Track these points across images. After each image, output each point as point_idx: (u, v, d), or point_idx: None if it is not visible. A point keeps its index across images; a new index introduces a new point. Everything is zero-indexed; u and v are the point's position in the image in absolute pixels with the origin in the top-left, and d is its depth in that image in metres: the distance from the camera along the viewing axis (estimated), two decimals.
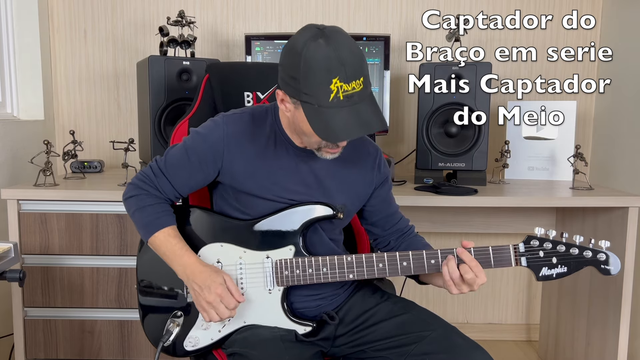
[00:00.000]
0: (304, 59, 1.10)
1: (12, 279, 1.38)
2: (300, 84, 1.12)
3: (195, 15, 2.37)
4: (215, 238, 1.30)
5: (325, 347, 1.32)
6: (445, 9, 2.41)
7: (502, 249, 1.23)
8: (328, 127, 1.11)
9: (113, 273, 1.87)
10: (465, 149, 2.07)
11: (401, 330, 1.27)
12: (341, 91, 1.09)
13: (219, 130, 1.27)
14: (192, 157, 1.27)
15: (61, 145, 2.25)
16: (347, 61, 1.10)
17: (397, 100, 2.48)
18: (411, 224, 1.46)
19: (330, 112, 1.11)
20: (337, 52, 1.09)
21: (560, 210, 2.28)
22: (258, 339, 1.24)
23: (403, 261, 1.25)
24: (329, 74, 1.09)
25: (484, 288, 2.65)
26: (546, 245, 1.20)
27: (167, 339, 1.26)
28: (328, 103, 1.10)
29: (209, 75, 1.64)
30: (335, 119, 1.11)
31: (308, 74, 1.10)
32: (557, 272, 1.20)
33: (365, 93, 1.13)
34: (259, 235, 1.29)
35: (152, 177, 1.29)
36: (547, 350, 2.46)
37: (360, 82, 1.11)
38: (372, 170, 1.37)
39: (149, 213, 1.26)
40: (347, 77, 1.09)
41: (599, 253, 1.18)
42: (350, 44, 1.12)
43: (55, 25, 2.43)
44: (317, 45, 1.10)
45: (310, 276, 1.26)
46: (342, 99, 1.10)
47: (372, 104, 1.15)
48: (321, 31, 1.12)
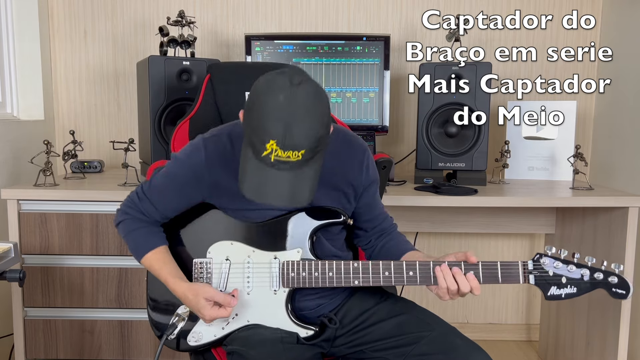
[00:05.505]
0: (257, 103, 1.08)
1: (12, 279, 1.38)
2: (248, 122, 1.10)
3: (195, 15, 2.37)
4: (226, 236, 1.31)
5: (325, 347, 1.33)
6: (445, 9, 2.41)
7: (511, 266, 1.22)
8: (245, 181, 1.10)
9: (113, 273, 1.87)
10: (465, 149, 2.07)
11: (400, 331, 1.27)
12: (274, 154, 1.06)
13: (199, 154, 1.26)
14: (174, 182, 1.28)
15: (61, 145, 2.25)
16: (295, 132, 1.04)
17: (397, 100, 2.48)
18: (402, 229, 1.46)
19: (255, 167, 1.09)
20: (289, 110, 1.05)
21: (560, 210, 2.28)
22: (258, 338, 1.25)
23: (409, 271, 1.24)
24: (269, 132, 1.05)
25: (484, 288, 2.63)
26: (556, 264, 1.19)
27: (172, 332, 1.27)
28: (260, 157, 1.07)
29: (210, 75, 1.64)
30: (256, 175, 1.09)
31: (254, 118, 1.08)
32: (567, 292, 1.18)
33: (298, 165, 1.08)
34: (268, 236, 1.30)
35: (137, 201, 1.31)
36: (547, 350, 2.46)
37: (299, 154, 1.06)
38: (360, 171, 1.34)
39: (134, 238, 1.30)
40: (284, 145, 1.05)
41: (610, 276, 1.17)
42: (312, 115, 1.07)
43: (55, 25, 2.43)
44: (273, 95, 1.06)
45: (315, 279, 1.26)
46: (273, 161, 1.07)
47: (305, 178, 1.10)
48: (294, 87, 1.07)
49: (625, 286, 1.16)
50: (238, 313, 1.29)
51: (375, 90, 2.23)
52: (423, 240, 2.55)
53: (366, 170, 1.35)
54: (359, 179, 1.34)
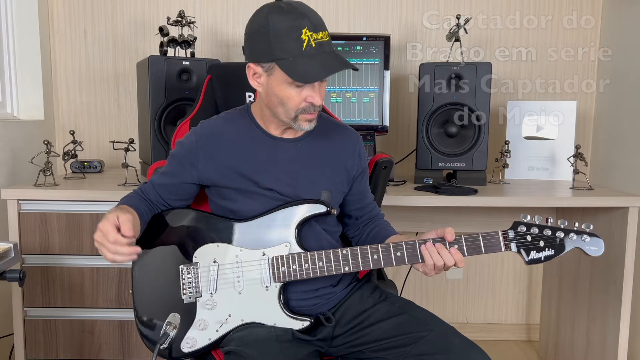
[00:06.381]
0: (272, 23, 1.18)
1: (12, 279, 1.38)
2: (272, 44, 1.18)
3: (195, 15, 2.37)
4: (211, 238, 1.31)
5: (323, 347, 1.32)
6: (445, 9, 2.40)
7: (492, 235, 1.27)
8: (307, 72, 1.18)
9: (113, 273, 1.87)
10: (465, 149, 2.07)
11: (399, 331, 1.27)
12: (312, 39, 1.17)
13: (194, 135, 1.34)
14: (173, 163, 1.35)
15: (61, 145, 2.25)
16: (311, 15, 1.19)
17: (397, 100, 2.48)
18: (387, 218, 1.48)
19: (305, 59, 1.17)
20: (299, 10, 1.18)
21: (560, 210, 2.28)
22: (254, 337, 1.25)
23: (397, 252, 1.26)
24: (298, 26, 1.17)
25: (484, 288, 2.65)
26: (533, 230, 1.25)
27: (164, 341, 1.26)
28: (302, 52, 1.17)
29: (211, 75, 1.64)
30: (312, 64, 1.18)
31: (278, 33, 1.18)
32: (545, 254, 1.24)
33: (332, 45, 1.22)
34: (254, 234, 1.30)
35: (143, 188, 1.38)
36: (547, 350, 2.46)
37: (326, 34, 1.20)
38: (353, 157, 1.39)
39: (124, 199, 1.35)
40: (314, 27, 1.18)
41: (582, 235, 1.23)
42: (308, 6, 1.21)
43: (55, 26, 2.43)
44: (279, 10, 1.19)
45: (307, 271, 1.27)
46: (315, 45, 1.18)
47: (340, 54, 1.23)
48: (278, 2, 1.21)
49: (598, 243, 1.23)
50: (232, 313, 1.29)
51: (375, 90, 2.23)
52: None
53: (359, 158, 1.41)
54: (352, 164, 1.39)
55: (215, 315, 1.29)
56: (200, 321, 1.29)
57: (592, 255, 1.23)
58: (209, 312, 1.29)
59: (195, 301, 1.30)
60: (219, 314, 1.29)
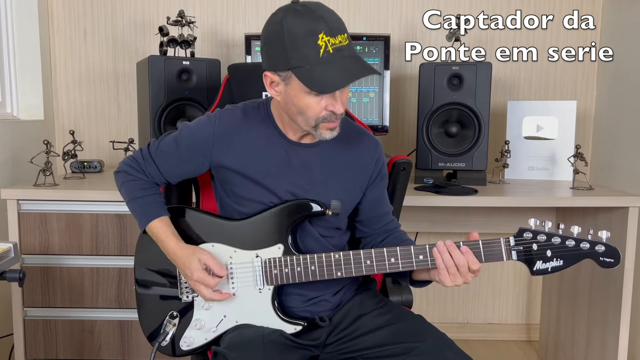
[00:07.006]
0: (287, 29, 1.12)
1: (12, 279, 1.37)
2: (288, 52, 1.13)
3: (195, 15, 2.37)
4: (206, 238, 1.31)
5: (316, 352, 1.31)
6: (446, 9, 2.40)
7: (493, 243, 1.18)
8: (324, 81, 1.12)
9: (113, 273, 1.87)
10: (465, 149, 2.07)
11: (392, 340, 1.25)
12: (329, 45, 1.11)
13: (210, 124, 1.29)
14: (182, 148, 1.30)
15: (61, 145, 2.25)
16: (328, 18, 1.12)
17: (397, 100, 2.48)
18: (402, 228, 1.43)
19: (323, 67, 1.12)
20: (316, 13, 1.12)
21: (561, 210, 2.28)
22: (240, 339, 1.24)
23: (391, 257, 1.22)
24: (314, 31, 1.11)
25: (484, 288, 2.64)
26: (540, 237, 1.14)
27: (164, 338, 1.28)
28: (319, 59, 1.11)
29: (229, 76, 1.64)
30: (329, 71, 1.12)
31: (294, 39, 1.12)
32: (553, 265, 1.12)
33: (352, 48, 1.16)
34: (248, 235, 1.29)
35: (141, 161, 1.33)
36: (547, 350, 2.46)
37: (345, 37, 1.14)
38: (370, 164, 1.35)
39: (139, 205, 1.31)
40: (331, 31, 1.11)
41: (597, 245, 1.11)
42: (326, 7, 1.15)
43: (55, 26, 2.43)
44: (295, 13, 1.13)
45: (299, 274, 1.25)
46: (332, 52, 1.12)
47: (361, 58, 1.17)
48: (294, 4, 1.15)
49: (615, 254, 1.10)
50: (227, 314, 1.29)
51: (375, 90, 2.23)
52: (423, 240, 2.54)
53: (376, 164, 1.35)
54: (369, 169, 1.34)
55: (212, 315, 1.30)
56: (197, 321, 1.30)
57: (607, 267, 1.11)
58: (205, 312, 1.30)
59: (193, 300, 1.30)
60: (215, 315, 1.29)
